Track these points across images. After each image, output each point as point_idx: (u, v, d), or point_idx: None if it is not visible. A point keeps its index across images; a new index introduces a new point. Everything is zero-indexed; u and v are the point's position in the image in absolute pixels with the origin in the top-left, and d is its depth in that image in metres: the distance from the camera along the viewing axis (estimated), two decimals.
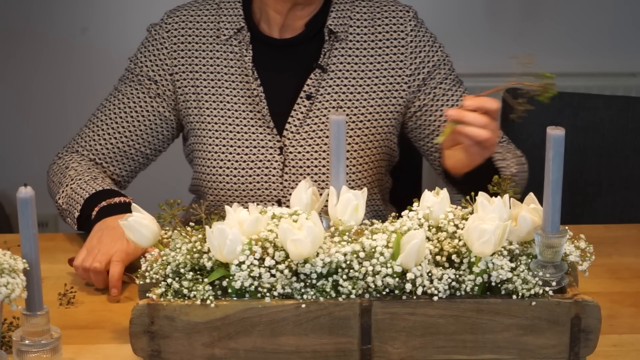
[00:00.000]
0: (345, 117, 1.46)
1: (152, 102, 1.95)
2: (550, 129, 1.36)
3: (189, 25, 1.95)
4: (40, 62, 3.03)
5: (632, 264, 1.82)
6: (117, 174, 1.98)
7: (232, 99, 1.92)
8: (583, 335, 1.38)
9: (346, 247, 1.36)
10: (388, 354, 1.38)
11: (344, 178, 1.46)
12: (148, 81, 1.95)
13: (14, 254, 1.37)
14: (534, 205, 1.45)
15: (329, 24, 1.91)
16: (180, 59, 1.94)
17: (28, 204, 1.36)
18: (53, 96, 3.05)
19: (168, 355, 1.38)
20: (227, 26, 1.93)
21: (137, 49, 1.99)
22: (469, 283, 1.37)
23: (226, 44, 1.93)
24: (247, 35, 1.91)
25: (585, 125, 2.37)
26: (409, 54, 1.93)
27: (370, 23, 1.94)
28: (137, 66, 1.96)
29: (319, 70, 1.90)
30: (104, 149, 1.96)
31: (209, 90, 1.93)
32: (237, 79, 1.92)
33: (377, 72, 1.93)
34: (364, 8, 1.95)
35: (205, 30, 1.94)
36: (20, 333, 1.40)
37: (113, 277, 1.66)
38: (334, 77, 1.91)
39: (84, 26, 3.01)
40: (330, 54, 1.92)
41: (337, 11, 1.92)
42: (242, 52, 1.92)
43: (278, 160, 1.90)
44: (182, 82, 1.93)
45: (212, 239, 1.35)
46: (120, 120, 1.95)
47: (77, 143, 1.99)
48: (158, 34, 1.96)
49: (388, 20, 1.94)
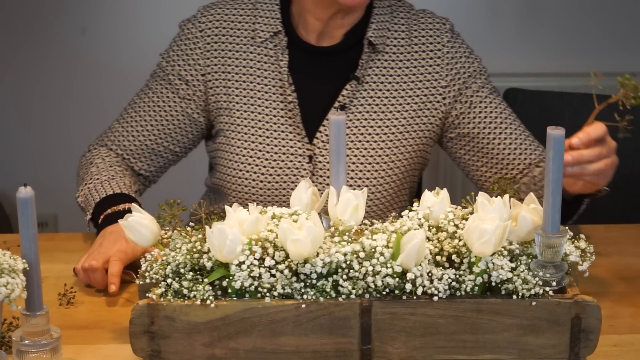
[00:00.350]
0: (344, 117, 1.46)
1: (182, 102, 1.93)
2: (550, 129, 1.36)
3: (223, 24, 1.93)
4: (40, 62, 3.03)
5: (632, 264, 1.82)
6: (145, 169, 1.97)
7: (264, 102, 1.90)
8: (583, 335, 1.38)
9: (346, 247, 1.36)
10: (388, 354, 1.38)
11: (344, 178, 1.46)
12: (179, 81, 1.93)
13: (13, 254, 1.37)
14: (534, 205, 1.45)
15: (369, 35, 1.89)
16: (213, 58, 1.92)
17: (28, 204, 1.36)
18: (53, 96, 3.05)
19: (168, 355, 1.38)
20: (263, 28, 1.90)
21: (169, 46, 1.96)
22: (469, 283, 1.37)
23: (261, 46, 1.91)
24: (283, 40, 1.89)
25: None
26: (445, 65, 1.92)
27: (407, 35, 1.93)
28: (169, 64, 1.94)
29: (354, 81, 1.89)
30: (132, 145, 1.96)
31: (240, 92, 1.91)
32: (271, 83, 1.90)
33: (412, 83, 1.92)
34: (402, 19, 1.94)
35: (240, 30, 1.92)
36: (20, 333, 1.40)
37: (111, 274, 1.66)
38: (368, 89, 1.90)
39: (84, 26, 3.01)
40: (367, 65, 1.90)
41: (377, 22, 1.91)
42: (277, 56, 1.90)
43: (307, 168, 1.90)
44: (214, 83, 1.92)
45: (212, 239, 1.35)
46: (149, 118, 1.95)
47: (107, 137, 1.99)
48: (191, 33, 1.93)
49: (425, 32, 1.94)
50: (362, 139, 1.90)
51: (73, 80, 3.03)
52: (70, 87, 3.03)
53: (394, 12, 1.94)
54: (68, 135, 3.03)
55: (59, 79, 3.04)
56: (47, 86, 3.04)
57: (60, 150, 3.04)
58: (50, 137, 3.07)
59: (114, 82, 2.99)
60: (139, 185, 1.97)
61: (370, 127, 1.91)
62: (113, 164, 1.93)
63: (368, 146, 1.90)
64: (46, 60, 3.02)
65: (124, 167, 1.94)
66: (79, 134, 3.00)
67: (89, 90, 3.02)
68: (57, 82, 3.04)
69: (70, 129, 3.04)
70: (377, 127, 1.91)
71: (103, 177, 1.88)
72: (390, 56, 1.92)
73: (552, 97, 2.42)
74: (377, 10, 1.92)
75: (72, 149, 3.01)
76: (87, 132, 2.99)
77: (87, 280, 1.71)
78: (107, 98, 2.97)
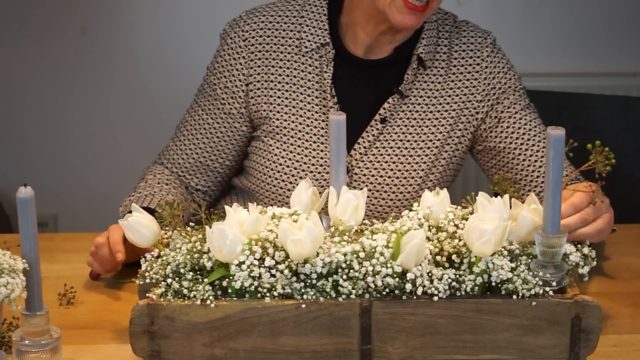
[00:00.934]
0: (344, 117, 1.46)
1: (228, 118, 1.91)
2: (550, 129, 1.36)
3: (267, 32, 1.90)
4: (40, 62, 3.02)
5: (632, 264, 1.82)
6: (202, 184, 1.97)
7: (305, 112, 1.89)
8: (583, 335, 1.38)
9: (346, 247, 1.36)
10: (388, 354, 1.38)
11: (344, 178, 1.46)
12: (225, 95, 1.91)
13: (13, 254, 1.37)
14: (534, 205, 1.45)
15: (420, 51, 1.87)
16: (256, 67, 1.89)
17: (28, 204, 1.36)
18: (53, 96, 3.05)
19: (168, 355, 1.38)
20: (309, 38, 1.88)
21: (214, 57, 1.95)
22: (469, 283, 1.37)
23: (306, 56, 1.89)
24: (331, 52, 1.87)
25: (585, 125, 2.37)
26: (482, 80, 1.91)
27: (449, 49, 1.91)
28: (215, 76, 1.92)
29: (397, 95, 1.88)
30: (186, 162, 1.95)
31: (282, 101, 1.89)
32: (314, 94, 1.88)
33: (449, 98, 1.90)
34: (447, 33, 1.92)
35: (285, 39, 1.90)
36: (20, 333, 1.40)
37: (113, 243, 1.64)
38: (408, 103, 1.89)
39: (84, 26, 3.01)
40: (412, 79, 1.89)
41: (428, 38, 1.89)
42: (322, 67, 1.88)
43: None
44: (257, 92, 1.89)
45: (212, 239, 1.35)
46: (200, 136, 1.94)
47: (163, 155, 1.99)
48: (234, 42, 1.91)
49: (466, 45, 1.92)
50: (399, 152, 1.89)
51: (73, 80, 3.03)
52: (70, 87, 3.03)
53: (440, 26, 1.93)
54: (68, 135, 3.03)
55: (59, 79, 3.03)
56: (47, 86, 3.04)
57: (60, 150, 3.04)
58: (50, 137, 3.07)
59: (114, 82, 2.99)
60: (199, 200, 1.97)
61: (408, 141, 1.89)
62: (162, 181, 1.92)
63: (404, 160, 1.89)
64: (46, 60, 3.02)
65: (175, 185, 1.93)
66: (79, 134, 3.00)
67: (89, 90, 3.02)
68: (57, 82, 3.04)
69: (70, 129, 3.04)
70: (415, 142, 1.90)
71: (145, 192, 1.87)
72: (432, 70, 1.90)
73: (552, 97, 2.42)
74: (427, 25, 1.90)
75: (72, 149, 3.01)
76: (87, 132, 3.00)
77: (100, 267, 1.69)
78: (107, 98, 2.97)
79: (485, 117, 1.91)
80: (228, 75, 1.91)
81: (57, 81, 3.03)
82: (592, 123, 2.37)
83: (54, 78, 3.03)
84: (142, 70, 2.94)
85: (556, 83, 2.98)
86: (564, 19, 3.06)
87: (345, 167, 1.47)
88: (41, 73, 3.03)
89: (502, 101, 1.91)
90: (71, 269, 1.78)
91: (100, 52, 3.01)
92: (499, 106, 1.91)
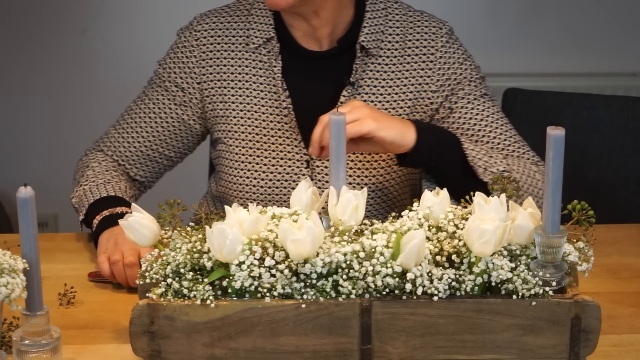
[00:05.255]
0: (344, 117, 1.46)
1: (177, 109, 1.93)
2: (550, 129, 1.36)
3: (218, 32, 1.92)
4: (40, 62, 3.03)
5: (632, 264, 1.82)
6: (141, 175, 1.98)
7: (260, 108, 1.90)
8: (583, 335, 1.38)
9: (346, 247, 1.36)
10: (388, 354, 1.38)
11: (343, 178, 1.46)
12: (175, 88, 1.93)
13: (14, 254, 1.37)
14: (531, 209, 1.44)
15: (361, 40, 1.88)
16: (209, 67, 1.92)
17: (28, 204, 1.36)
18: (53, 96, 3.05)
19: (168, 355, 1.38)
20: (256, 34, 1.90)
21: (166, 53, 1.97)
22: (469, 283, 1.37)
23: (255, 52, 1.90)
24: (276, 46, 1.89)
25: (585, 125, 2.37)
26: (437, 70, 1.91)
27: (402, 38, 1.91)
28: (166, 71, 1.95)
29: (350, 86, 1.89)
30: (127, 151, 1.96)
31: (236, 99, 1.91)
32: (266, 89, 1.90)
33: (405, 87, 1.91)
34: (397, 22, 1.92)
35: (235, 37, 1.92)
36: (20, 333, 1.40)
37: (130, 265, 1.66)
38: (363, 93, 1.89)
39: (84, 26, 3.01)
40: (361, 69, 1.89)
41: (370, 26, 1.89)
42: (271, 62, 1.89)
43: (305, 173, 1.89)
44: (210, 91, 1.92)
45: (212, 239, 1.35)
46: (144, 125, 1.95)
47: (103, 143, 1.99)
48: (187, 41, 1.93)
49: (420, 35, 1.92)
50: None
51: (73, 80, 3.03)
52: (70, 87, 3.03)
53: (389, 14, 1.93)
54: (68, 135, 3.03)
55: (59, 79, 3.04)
56: (47, 86, 3.05)
57: (60, 150, 3.04)
58: (50, 137, 3.07)
59: (113, 83, 2.99)
60: (135, 190, 1.97)
61: None
62: (109, 168, 1.93)
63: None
64: (46, 60, 3.02)
65: (120, 173, 1.94)
66: (79, 134, 3.00)
67: (89, 90, 3.03)
68: (57, 82, 3.04)
69: (70, 129, 3.04)
70: None
71: (99, 180, 1.88)
72: (384, 60, 1.90)
73: (552, 97, 2.42)
74: (370, 14, 1.90)
75: (72, 149, 3.00)
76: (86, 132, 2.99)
77: (115, 275, 1.68)
78: (107, 98, 2.98)
79: (439, 108, 1.92)
80: (179, 71, 1.93)
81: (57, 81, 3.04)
82: (592, 123, 2.37)
83: (54, 78, 3.04)
84: (142, 70, 2.94)
85: (556, 83, 2.99)
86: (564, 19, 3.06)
87: (345, 167, 1.47)
88: (41, 73, 3.03)
89: (456, 92, 1.91)
90: (71, 269, 1.78)
91: (100, 52, 3.01)
92: (453, 97, 1.91)
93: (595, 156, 2.37)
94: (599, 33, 3.07)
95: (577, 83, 3.00)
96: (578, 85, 2.96)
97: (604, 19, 3.06)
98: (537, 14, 3.05)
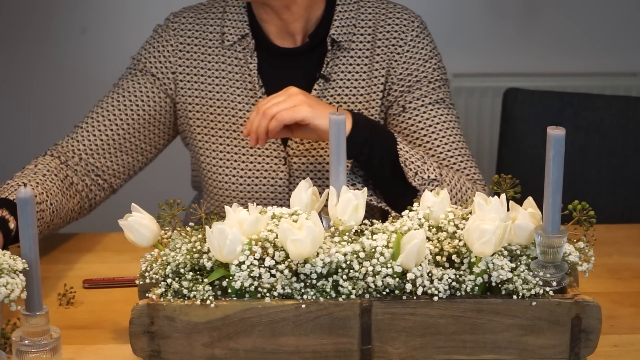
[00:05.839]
0: (344, 117, 1.46)
1: (155, 96, 1.93)
2: (551, 129, 1.36)
3: (194, 27, 1.94)
4: (40, 62, 3.03)
5: (632, 264, 1.82)
6: (111, 167, 1.92)
7: (236, 105, 1.91)
8: (583, 335, 1.38)
9: (346, 247, 1.36)
10: (388, 354, 1.38)
11: (343, 178, 1.46)
12: (151, 77, 1.93)
13: (13, 254, 1.37)
14: (531, 209, 1.44)
15: (332, 33, 1.89)
16: (185, 59, 1.92)
17: (28, 204, 1.36)
18: (53, 96, 3.05)
19: (168, 356, 1.38)
20: (231, 32, 1.91)
21: (141, 47, 1.97)
22: (469, 283, 1.37)
23: (230, 49, 1.91)
24: (251, 43, 1.90)
25: (585, 125, 2.37)
26: (402, 63, 1.90)
27: (373, 30, 1.91)
28: (140, 62, 1.95)
29: (322, 80, 1.89)
30: (93, 144, 1.91)
31: (213, 96, 1.91)
32: (242, 86, 1.91)
33: (376, 79, 1.90)
34: (370, 15, 1.92)
35: (211, 34, 1.93)
36: (20, 333, 1.40)
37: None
38: (335, 87, 1.90)
39: (84, 26, 3.01)
40: (332, 63, 1.90)
41: (340, 20, 1.90)
42: (246, 59, 1.90)
43: (283, 170, 1.90)
44: (186, 84, 1.92)
45: (212, 239, 1.35)
46: (118, 113, 1.93)
47: (61, 146, 1.93)
48: (165, 32, 1.95)
49: (391, 27, 1.92)
50: None
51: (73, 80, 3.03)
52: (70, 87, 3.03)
53: (362, 7, 1.93)
54: None
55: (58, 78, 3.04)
56: (47, 86, 3.04)
57: None
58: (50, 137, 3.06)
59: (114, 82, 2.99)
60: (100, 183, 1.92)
61: None
62: (41, 171, 1.84)
63: None
64: (46, 60, 3.02)
65: (54, 176, 1.84)
66: None
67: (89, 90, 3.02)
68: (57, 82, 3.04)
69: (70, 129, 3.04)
70: None
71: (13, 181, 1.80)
72: (356, 52, 1.91)
73: (552, 97, 2.42)
74: (341, 7, 1.91)
75: None
76: None
77: None
78: None
79: (394, 102, 1.91)
80: (154, 60, 1.94)
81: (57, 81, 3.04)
82: (592, 123, 2.37)
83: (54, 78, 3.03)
84: None
85: (556, 83, 2.99)
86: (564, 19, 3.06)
87: (345, 167, 1.47)
88: (41, 73, 3.03)
89: (413, 91, 1.91)
90: (71, 269, 1.78)
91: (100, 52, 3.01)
92: (408, 96, 1.90)
93: (595, 156, 2.37)
94: (599, 33, 3.07)
95: (577, 83, 3.00)
96: (578, 85, 2.96)
97: (604, 19, 3.06)
98: (537, 14, 3.05)
